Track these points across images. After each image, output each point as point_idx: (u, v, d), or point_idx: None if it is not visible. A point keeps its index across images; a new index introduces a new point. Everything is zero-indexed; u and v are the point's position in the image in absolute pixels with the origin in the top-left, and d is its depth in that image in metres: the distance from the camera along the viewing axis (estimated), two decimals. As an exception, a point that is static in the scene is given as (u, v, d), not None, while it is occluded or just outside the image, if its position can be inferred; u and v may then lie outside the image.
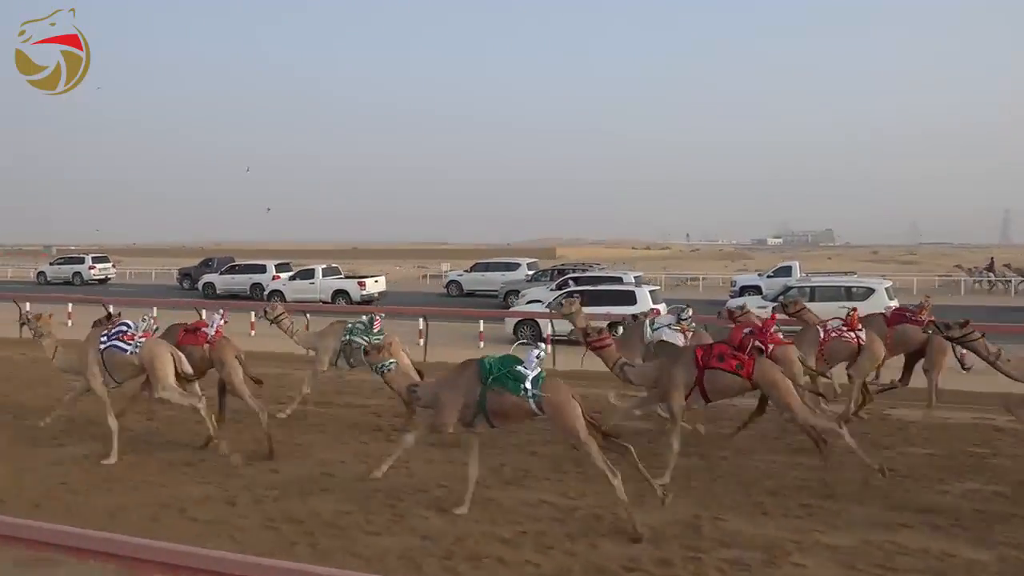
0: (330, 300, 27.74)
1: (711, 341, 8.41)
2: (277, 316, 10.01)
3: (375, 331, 9.44)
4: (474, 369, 6.30)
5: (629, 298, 18.53)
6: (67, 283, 40.94)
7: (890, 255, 75.95)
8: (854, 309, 9.89)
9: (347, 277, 30.61)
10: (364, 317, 9.75)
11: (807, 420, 7.11)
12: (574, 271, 32.16)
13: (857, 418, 9.25)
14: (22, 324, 8.66)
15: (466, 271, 36.14)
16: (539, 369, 6.16)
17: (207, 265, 38.02)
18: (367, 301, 27.68)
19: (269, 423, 8.11)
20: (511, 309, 20.74)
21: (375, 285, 29.17)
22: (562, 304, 9.98)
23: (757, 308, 17.83)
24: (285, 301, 25.44)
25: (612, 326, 13.45)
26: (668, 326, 9.46)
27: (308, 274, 29.75)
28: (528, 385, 6.03)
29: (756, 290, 27.78)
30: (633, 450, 6.18)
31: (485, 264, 35.91)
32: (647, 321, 9.65)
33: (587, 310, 10.37)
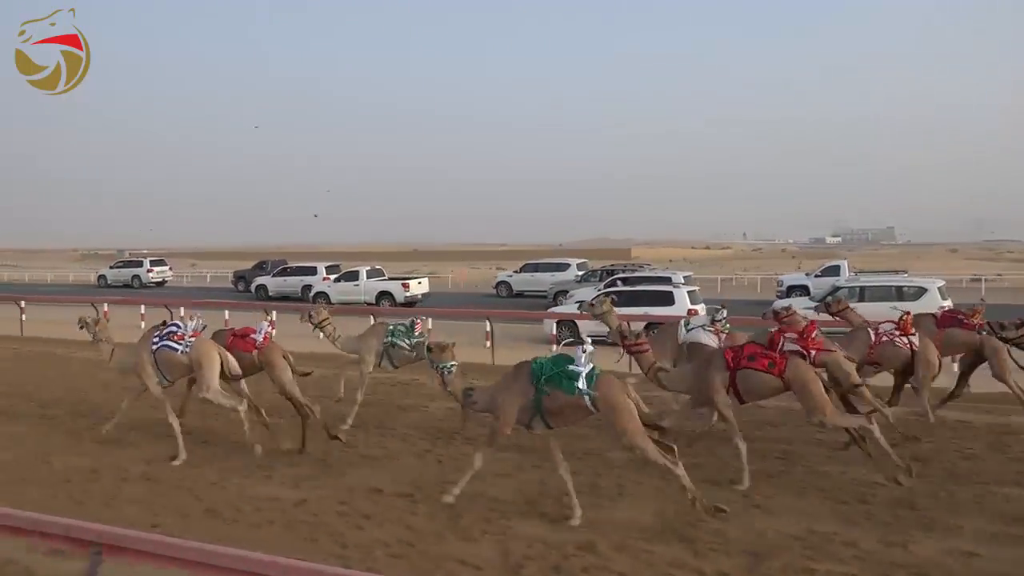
0: (374, 302, 27.84)
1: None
2: (321, 322, 10.01)
3: (416, 334, 9.54)
4: (526, 371, 6.31)
5: (667, 299, 18.49)
6: (126, 286, 42.37)
7: (973, 252, 72.78)
8: (907, 312, 9.47)
9: (391, 279, 30.76)
10: (406, 320, 9.90)
11: (839, 422, 7.01)
12: (623, 271, 32.00)
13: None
14: (81, 327, 9.09)
15: (516, 272, 36.33)
16: (591, 365, 6.12)
17: (261, 268, 38.70)
18: (410, 303, 27.75)
19: (322, 418, 8.40)
20: (549, 311, 20.42)
21: (418, 287, 29.23)
22: (594, 304, 9.68)
23: (804, 309, 17.26)
24: (330, 303, 25.79)
25: (649, 327, 13.31)
26: (702, 327, 9.27)
27: (353, 276, 30.06)
28: (582, 384, 6.02)
29: (804, 290, 27.39)
30: (676, 450, 6.15)
31: (535, 265, 36.11)
32: (682, 322, 9.69)
33: (625, 311, 10.42)
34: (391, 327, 9.66)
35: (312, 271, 32.36)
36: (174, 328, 8.23)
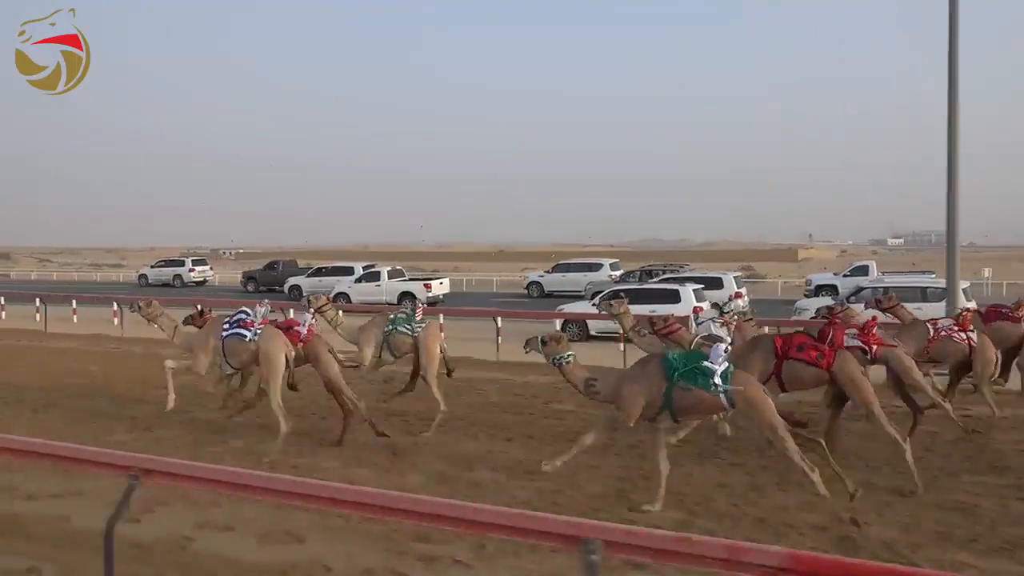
0: (396, 302, 28.15)
1: (757, 333, 9.15)
2: (320, 307, 10.13)
3: (417, 320, 9.66)
4: (657, 365, 6.49)
5: (673, 297, 19.38)
6: (166, 285, 43.32)
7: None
8: (967, 309, 9.99)
9: (412, 279, 31.13)
10: (408, 307, 9.99)
11: (883, 421, 7.04)
12: (664, 272, 32.64)
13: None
14: (133, 311, 9.66)
15: (547, 272, 37.01)
16: (726, 363, 6.30)
17: (272, 268, 39.58)
18: (432, 303, 28.04)
19: (368, 414, 8.67)
20: (557, 310, 21.10)
21: (440, 287, 29.54)
22: (611, 304, 10.51)
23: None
24: (350, 303, 26.18)
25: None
26: (711, 320, 9.67)
27: (374, 276, 30.44)
28: (718, 380, 6.19)
29: (832, 290, 28.03)
30: (824, 444, 6.40)
31: (566, 265, 36.97)
32: (691, 317, 10.33)
33: (633, 308, 11.01)
34: (392, 316, 9.77)
35: (349, 271, 32.52)
36: (243, 315, 8.48)
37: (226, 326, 8.46)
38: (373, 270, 31.42)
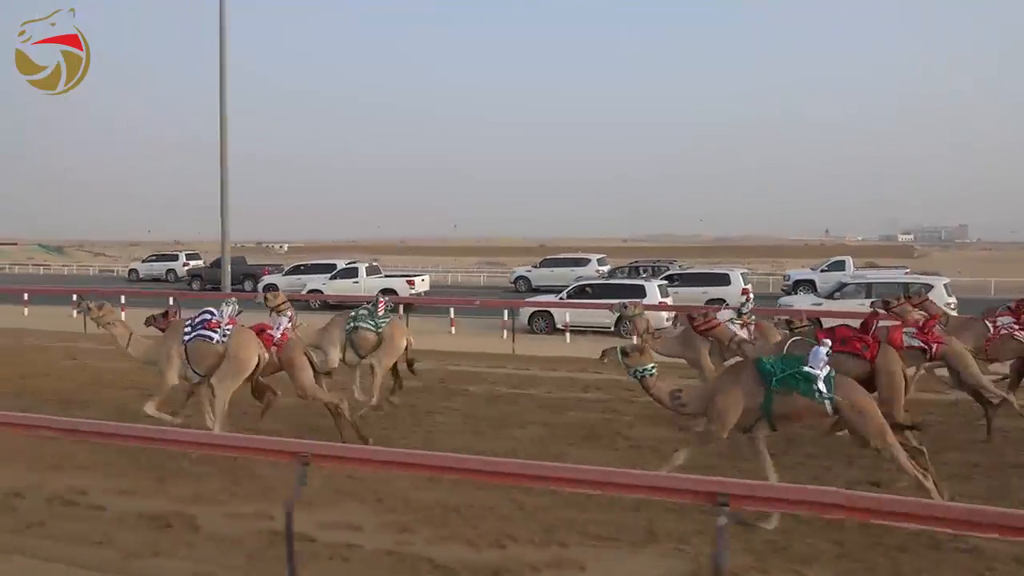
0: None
1: (778, 336, 9.11)
2: (278, 306, 9.69)
3: (380, 314, 9.61)
4: (752, 371, 6.35)
5: (639, 292, 20.21)
6: (157, 280, 42.94)
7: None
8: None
9: (392, 276, 31.27)
10: (368, 303, 9.89)
11: (897, 418, 7.07)
12: (654, 268, 33.95)
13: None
14: (78, 312, 9.06)
15: (534, 267, 38.62)
16: (828, 368, 6.18)
17: (218, 266, 39.44)
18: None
19: (352, 412, 8.59)
20: (526, 299, 22.69)
21: (422, 284, 29.79)
22: (626, 306, 10.89)
23: (812, 305, 18.60)
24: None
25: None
26: (730, 321, 9.82)
27: (351, 273, 30.29)
28: (821, 387, 6.07)
29: (810, 285, 28.93)
30: (926, 452, 6.34)
31: (554, 260, 38.79)
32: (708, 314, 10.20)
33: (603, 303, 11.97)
34: (352, 312, 9.66)
35: (330, 268, 31.91)
36: (207, 316, 7.97)
37: (188, 329, 7.95)
38: (351, 266, 31.37)
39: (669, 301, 20.96)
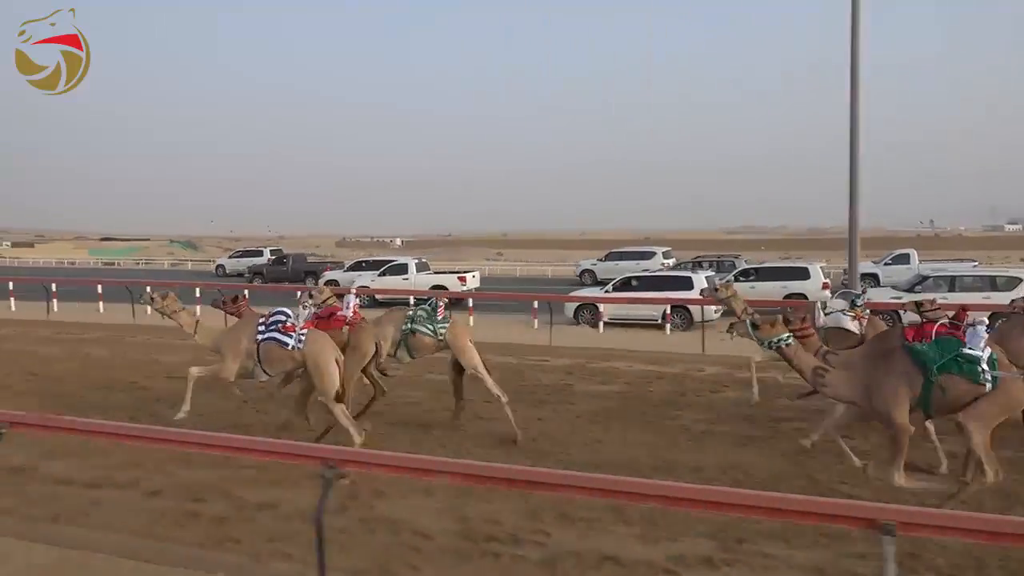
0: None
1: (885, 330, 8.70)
2: (325, 301, 9.77)
3: (439, 318, 9.28)
4: (904, 356, 6.24)
5: (686, 284, 20.79)
6: (240, 275, 43.65)
7: None
8: None
9: (443, 272, 31.27)
10: (427, 304, 9.58)
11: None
12: (719, 262, 33.85)
13: None
14: (146, 302, 9.31)
15: (600, 260, 39.33)
16: (988, 349, 6.07)
17: (282, 262, 41.09)
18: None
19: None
20: (571, 294, 22.97)
21: (472, 280, 29.72)
22: (717, 289, 10.54)
23: (891, 298, 18.21)
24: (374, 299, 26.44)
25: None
26: (842, 311, 9.53)
27: (400, 269, 30.43)
28: (985, 367, 5.97)
29: (873, 279, 27.60)
30: None
31: (619, 253, 39.47)
32: (818, 305, 10.01)
33: (651, 295, 11.82)
34: (411, 312, 9.39)
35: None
36: (281, 317, 8.07)
37: (261, 328, 8.05)
38: (399, 263, 31.49)
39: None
